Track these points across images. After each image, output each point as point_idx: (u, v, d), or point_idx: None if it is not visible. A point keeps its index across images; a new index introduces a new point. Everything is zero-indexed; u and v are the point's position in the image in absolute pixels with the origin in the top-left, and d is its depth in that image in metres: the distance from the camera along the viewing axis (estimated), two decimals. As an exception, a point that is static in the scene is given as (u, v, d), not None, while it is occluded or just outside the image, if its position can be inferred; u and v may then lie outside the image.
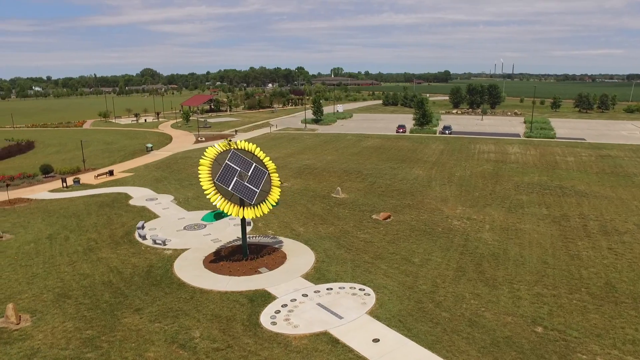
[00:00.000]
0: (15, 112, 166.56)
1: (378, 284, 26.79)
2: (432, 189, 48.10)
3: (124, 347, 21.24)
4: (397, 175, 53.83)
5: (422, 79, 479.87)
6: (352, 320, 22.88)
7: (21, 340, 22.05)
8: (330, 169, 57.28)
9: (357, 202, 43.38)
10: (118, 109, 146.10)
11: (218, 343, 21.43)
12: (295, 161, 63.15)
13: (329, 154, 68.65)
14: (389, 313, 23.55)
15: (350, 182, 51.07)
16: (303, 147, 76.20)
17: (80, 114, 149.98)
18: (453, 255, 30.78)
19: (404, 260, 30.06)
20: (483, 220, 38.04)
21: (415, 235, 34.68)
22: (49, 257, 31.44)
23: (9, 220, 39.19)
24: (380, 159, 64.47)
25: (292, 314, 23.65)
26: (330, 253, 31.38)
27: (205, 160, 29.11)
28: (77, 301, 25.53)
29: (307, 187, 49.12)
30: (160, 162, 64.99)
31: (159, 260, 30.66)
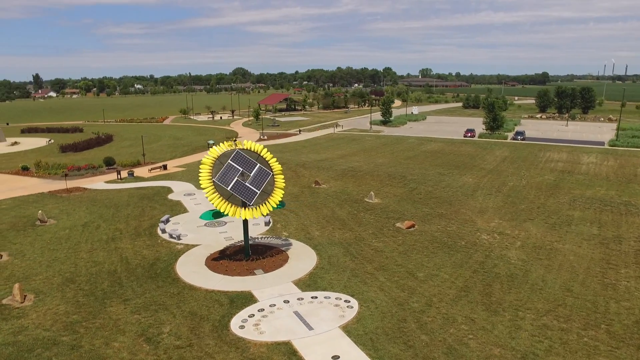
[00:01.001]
0: (111, 108, 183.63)
1: (367, 296, 25.22)
2: (474, 198, 44.60)
3: (97, 335, 22.06)
4: (442, 182, 50.70)
5: (516, 81, 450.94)
6: (321, 333, 21.72)
7: (17, 317, 23.82)
8: (375, 173, 55.53)
9: (388, 209, 41.48)
10: (200, 107, 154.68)
11: (181, 341, 21.48)
12: (344, 163, 62.15)
13: (382, 157, 66.69)
14: (364, 329, 22.02)
15: (390, 187, 49.05)
16: (359, 148, 74.87)
17: (166, 110, 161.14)
18: (464, 273, 28.12)
19: (408, 274, 28.04)
20: (516, 236, 34.41)
21: (433, 247, 32.27)
22: (75, 244, 33.79)
23: (59, 207, 42.88)
24: (434, 164, 61.27)
25: (265, 319, 23.03)
26: (333, 260, 30.23)
27: (208, 159, 29.41)
28: (79, 287, 27.08)
29: (344, 190, 48.01)
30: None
31: (167, 254, 31.61)
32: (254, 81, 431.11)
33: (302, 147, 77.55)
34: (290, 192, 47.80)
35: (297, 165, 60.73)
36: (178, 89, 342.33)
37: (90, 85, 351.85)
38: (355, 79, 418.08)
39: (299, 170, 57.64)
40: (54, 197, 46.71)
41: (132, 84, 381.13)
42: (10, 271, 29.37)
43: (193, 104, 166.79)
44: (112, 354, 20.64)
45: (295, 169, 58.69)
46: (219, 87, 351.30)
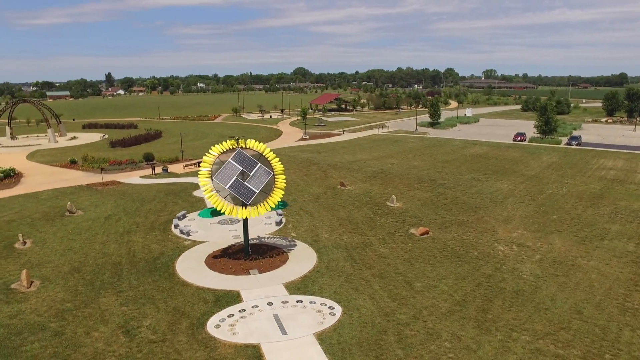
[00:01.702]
0: (170, 105, 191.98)
1: (354, 304, 24.24)
2: (503, 206, 41.87)
3: (81, 324, 22.81)
4: (474, 188, 48.09)
5: (589, 82, 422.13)
6: (294, 339, 21.09)
7: (18, 302, 25.17)
8: (405, 176, 53.75)
9: (407, 213, 39.92)
10: (252, 106, 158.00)
11: (157, 335, 21.69)
12: (377, 164, 60.75)
13: (419, 160, 64.54)
14: (339, 339, 21.12)
15: (416, 191, 47.25)
16: (398, 150, 72.99)
17: (220, 108, 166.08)
18: (466, 286, 26.31)
19: (405, 283, 26.68)
20: (537, 248, 31.81)
21: (441, 256, 30.55)
22: (92, 235, 35.34)
23: (90, 199, 45.15)
24: (471, 168, 58.37)
25: (243, 320, 22.76)
26: (332, 264, 29.42)
27: (209, 157, 29.60)
28: (82, 276, 28.21)
29: (368, 193, 46.85)
30: (251, 157, 68.31)
31: (172, 250, 32.24)
32: (312, 81, 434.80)
33: (340, 148, 76.83)
34: (313, 192, 47.39)
35: (328, 165, 60.16)
36: (238, 88, 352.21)
37: (155, 83, 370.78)
38: (415, 79, 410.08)
39: (329, 171, 57.03)
40: (90, 189, 49.29)
41: (195, 83, 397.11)
42: (28, 257, 31.19)
43: (245, 102, 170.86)
44: (89, 343, 21.21)
45: (326, 169, 58.14)
46: (278, 87, 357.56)
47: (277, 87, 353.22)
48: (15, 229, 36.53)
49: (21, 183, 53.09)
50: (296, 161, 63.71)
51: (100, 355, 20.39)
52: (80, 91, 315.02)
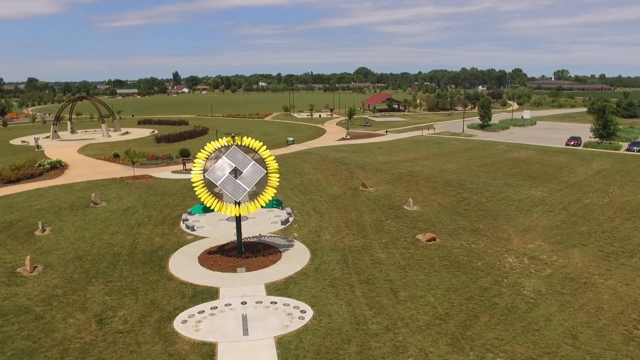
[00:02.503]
0: (226, 103, 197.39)
1: (328, 310, 23.35)
2: (528, 214, 38.84)
3: (63, 310, 23.74)
4: (502, 194, 45.05)
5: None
6: (253, 340, 20.63)
7: (16, 285, 26.69)
8: (433, 178, 51.48)
9: (421, 218, 38.13)
10: (304, 104, 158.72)
11: (126, 326, 22.09)
12: (409, 166, 58.73)
13: (454, 163, 61.67)
14: (298, 345, 20.36)
15: (439, 195, 45.07)
16: (436, 152, 70.21)
17: (273, 107, 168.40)
18: (455, 298, 24.52)
19: (390, 292, 25.35)
20: (551, 262, 29.10)
21: (440, 265, 28.77)
22: (106, 225, 36.84)
23: (117, 192, 47.21)
24: (508, 173, 54.82)
25: (211, 317, 22.63)
26: (322, 267, 28.60)
27: (203, 154, 29.78)
28: (81, 265, 29.43)
29: (388, 195, 45.34)
30: (282, 156, 68.57)
31: (173, 244, 32.85)
32: (373, 81, 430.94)
33: (377, 148, 75.21)
34: (332, 193, 46.63)
35: (356, 166, 58.99)
36: (297, 87, 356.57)
37: (219, 82, 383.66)
38: (480, 80, 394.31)
39: (356, 172, 55.90)
40: (121, 182, 51.59)
41: (256, 82, 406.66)
42: (41, 244, 33.06)
43: (300, 101, 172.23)
44: (62, 329, 21.99)
45: (354, 170, 57.05)
46: (338, 86, 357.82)
47: (337, 87, 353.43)
48: (41, 216, 38.90)
49: (64, 174, 56.63)
50: (326, 161, 63.08)
51: (67, 340, 21.05)
52: (148, 89, 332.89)
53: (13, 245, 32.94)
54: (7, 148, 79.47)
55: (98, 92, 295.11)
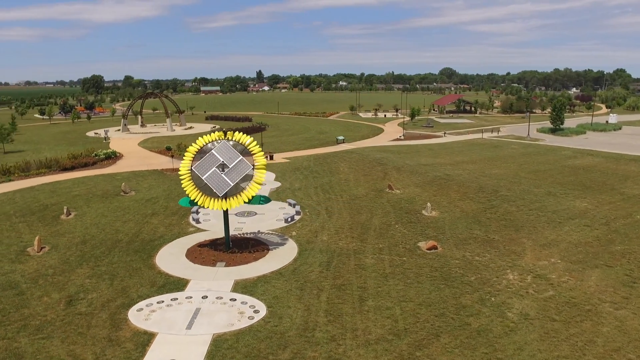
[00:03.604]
0: (297, 102, 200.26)
1: (282, 312, 22.49)
2: (559, 227, 34.69)
3: (43, 288, 25.32)
4: (538, 203, 40.72)
5: None
6: (192, 335, 20.46)
7: (20, 263, 28.91)
8: (467, 183, 47.98)
9: (434, 224, 35.66)
10: (371, 104, 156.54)
11: (88, 309, 23.02)
12: (449, 169, 55.37)
13: (502, 168, 57.08)
14: (232, 345, 19.80)
15: (466, 201, 41.88)
16: (487, 156, 65.53)
17: (340, 106, 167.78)
18: (424, 314, 22.42)
19: (356, 300, 23.83)
20: (559, 283, 25.63)
21: (427, 276, 26.56)
22: (124, 214, 38.75)
23: (151, 182, 49.57)
24: (558, 181, 49.55)
25: (166, 308, 22.85)
26: (301, 268, 27.68)
27: (193, 147, 30.16)
28: (82, 248, 31.19)
29: (411, 198, 43.02)
30: (324, 154, 67.97)
31: (173, 234, 33.74)
32: (456, 82, 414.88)
33: (427, 150, 71.93)
34: (354, 193, 45.24)
35: (393, 167, 56.77)
36: (376, 87, 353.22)
37: (299, 81, 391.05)
38: (574, 82, 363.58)
39: (390, 173, 53.81)
40: (159, 174, 54.17)
41: (336, 81, 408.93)
42: (61, 227, 35.57)
43: (370, 101, 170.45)
44: (33, 306, 23.38)
45: (389, 171, 54.98)
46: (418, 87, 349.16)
47: (417, 88, 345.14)
48: (74, 202, 41.95)
49: (116, 164, 60.72)
50: (365, 161, 61.46)
51: (31, 317, 22.31)
52: (230, 87, 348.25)
53: (37, 226, 35.78)
54: (81, 139, 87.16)
55: (184, 90, 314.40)
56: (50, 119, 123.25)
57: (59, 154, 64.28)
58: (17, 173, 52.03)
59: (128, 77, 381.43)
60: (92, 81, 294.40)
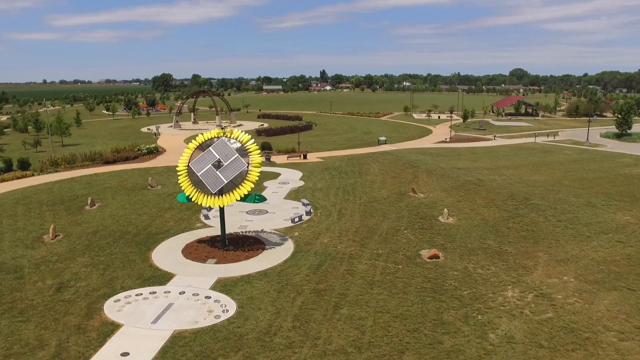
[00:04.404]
0: (352, 101, 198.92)
1: (249, 314, 22.06)
2: (586, 242, 31.40)
3: (41, 274, 26.73)
4: (571, 214, 37.18)
5: None
6: (154, 329, 20.62)
7: (33, 249, 30.75)
8: (498, 190, 44.90)
9: (445, 232, 33.66)
10: (427, 105, 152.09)
11: (72, 296, 23.96)
12: (484, 174, 52.25)
13: (544, 174, 52.98)
14: (187, 342, 19.66)
15: (490, 209, 39.18)
16: (533, 161, 61.15)
17: (396, 106, 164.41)
18: (397, 327, 21.03)
19: (331, 307, 22.85)
20: (561, 305, 23.08)
21: (416, 287, 24.97)
22: (142, 207, 40.14)
23: (179, 177, 50.87)
24: (603, 191, 45.01)
25: (142, 301, 23.26)
26: (288, 270, 27.09)
27: (192, 144, 30.45)
28: (92, 238, 32.60)
29: (432, 203, 40.98)
30: (359, 155, 66.70)
31: (179, 229, 34.40)
32: (526, 83, 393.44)
33: (469, 154, 68.51)
34: (375, 196, 43.88)
35: (425, 170, 54.50)
36: (440, 88, 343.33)
37: (361, 81, 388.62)
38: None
39: (420, 176, 51.71)
40: (191, 168, 55.60)
41: (400, 82, 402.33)
42: (82, 217, 37.48)
43: (427, 102, 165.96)
44: (26, 289, 24.76)
45: (419, 174, 52.86)
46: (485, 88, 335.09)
47: (482, 89, 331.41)
48: (102, 194, 44.15)
49: (155, 159, 63.33)
50: (398, 163, 59.57)
51: (19, 300, 23.57)
52: (292, 86, 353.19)
53: (61, 215, 37.95)
54: (134, 134, 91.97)
55: (248, 88, 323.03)
56: (113, 114, 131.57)
57: (109, 147, 68.17)
58: (64, 165, 55.74)
59: (195, 76, 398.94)
60: (161, 79, 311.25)
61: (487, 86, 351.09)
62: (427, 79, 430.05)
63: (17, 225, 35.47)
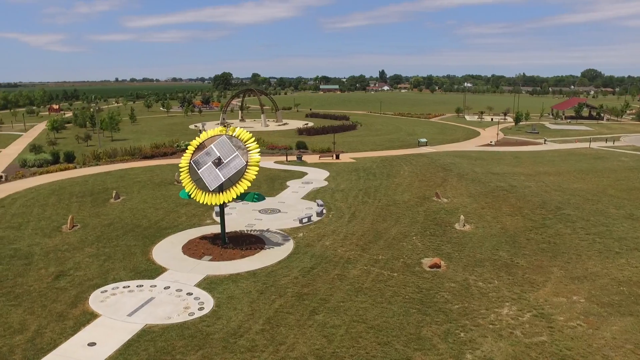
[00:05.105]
0: (405, 102, 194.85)
1: (222, 314, 21.90)
2: (612, 259, 28.40)
3: (48, 262, 28.08)
4: (602, 227, 33.84)
5: None
6: (128, 322, 20.97)
7: (49, 237, 32.47)
8: (529, 197, 41.87)
9: (457, 240, 31.80)
10: (482, 107, 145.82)
11: (67, 285, 24.91)
12: (522, 180, 49.02)
13: (589, 183, 48.84)
14: (154, 337, 19.80)
15: (515, 217, 36.59)
16: (581, 168, 56.61)
17: (448, 107, 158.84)
18: (366, 338, 19.96)
19: (308, 313, 22.14)
20: (560, 328, 20.90)
21: (404, 298, 23.67)
22: (162, 202, 41.35)
23: (207, 173, 51.96)
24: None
25: (128, 294, 23.77)
26: (278, 271, 26.67)
27: (196, 141, 30.71)
28: (104, 230, 33.94)
29: (452, 209, 38.95)
30: (394, 156, 64.97)
31: (187, 225, 35.03)
32: (598, 85, 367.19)
33: (512, 158, 64.72)
34: (397, 199, 42.46)
35: (457, 174, 52.07)
36: (502, 89, 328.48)
37: (420, 81, 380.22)
38: None
39: (450, 180, 49.46)
40: (222, 165, 56.66)
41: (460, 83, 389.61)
42: (104, 209, 39.19)
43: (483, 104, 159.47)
44: (29, 276, 26.09)
45: (449, 177, 50.59)
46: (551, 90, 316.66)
47: (549, 90, 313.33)
48: (129, 188, 46.01)
49: (192, 155, 65.01)
50: (431, 166, 57.38)
51: (19, 285, 24.92)
52: (349, 86, 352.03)
53: (86, 206, 39.89)
54: (181, 130, 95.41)
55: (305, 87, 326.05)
56: (168, 111, 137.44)
57: (153, 143, 71.07)
58: (105, 159, 58.75)
59: (255, 75, 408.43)
60: (221, 78, 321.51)
61: (554, 88, 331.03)
62: (489, 80, 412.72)
63: (44, 214, 37.70)
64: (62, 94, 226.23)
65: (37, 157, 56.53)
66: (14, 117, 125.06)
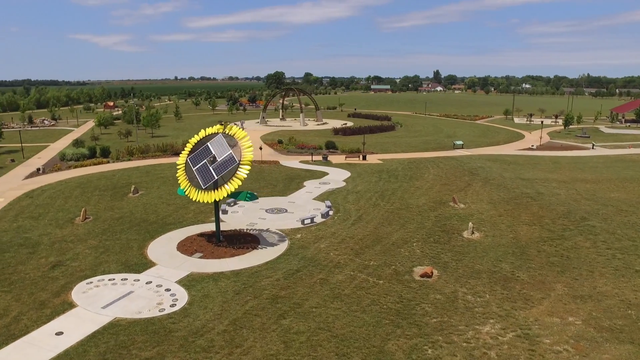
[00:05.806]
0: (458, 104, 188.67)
1: (192, 312, 21.94)
2: (628, 278, 25.68)
3: (50, 251, 29.49)
4: (627, 242, 30.70)
5: None
6: (100, 314, 21.57)
7: (61, 228, 34.08)
8: (554, 206, 38.96)
9: (459, 248, 30.15)
10: (533, 109, 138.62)
11: (60, 275, 25.98)
12: (553, 187, 45.81)
13: (628, 192, 44.66)
14: (118, 330, 20.15)
15: (533, 226, 34.19)
16: (625, 177, 52.04)
17: (498, 109, 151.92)
18: (327, 348, 19.20)
19: (277, 316, 21.70)
20: (544, 352, 19.10)
21: (382, 307, 22.63)
22: (176, 198, 42.12)
23: (229, 170, 52.68)
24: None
25: (110, 286, 24.48)
26: (263, 273, 26.41)
27: (194, 139, 30.97)
28: (113, 222, 35.20)
29: (467, 215, 37.04)
30: (423, 159, 62.92)
31: (191, 221, 35.57)
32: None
33: (549, 163, 60.78)
34: (411, 203, 41.06)
35: (483, 178, 49.57)
36: (562, 91, 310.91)
37: (475, 82, 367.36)
38: None
39: (474, 184, 47.16)
40: (246, 163, 57.25)
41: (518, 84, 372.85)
42: (120, 202, 40.66)
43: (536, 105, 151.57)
44: (30, 264, 27.49)
45: (473, 182, 48.26)
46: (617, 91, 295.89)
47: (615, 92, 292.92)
48: (152, 183, 47.47)
49: (222, 152, 66.25)
50: (458, 169, 55.03)
51: (17, 272, 26.30)
52: (401, 86, 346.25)
53: (105, 200, 41.54)
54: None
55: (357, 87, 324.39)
56: (213, 109, 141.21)
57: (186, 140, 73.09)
58: (137, 154, 61.08)
59: (307, 74, 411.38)
60: (274, 77, 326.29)
61: (622, 89, 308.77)
62: (550, 81, 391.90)
63: (64, 206, 39.66)
64: (120, 91, 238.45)
65: (75, 151, 59.74)
66: (71, 113, 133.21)
